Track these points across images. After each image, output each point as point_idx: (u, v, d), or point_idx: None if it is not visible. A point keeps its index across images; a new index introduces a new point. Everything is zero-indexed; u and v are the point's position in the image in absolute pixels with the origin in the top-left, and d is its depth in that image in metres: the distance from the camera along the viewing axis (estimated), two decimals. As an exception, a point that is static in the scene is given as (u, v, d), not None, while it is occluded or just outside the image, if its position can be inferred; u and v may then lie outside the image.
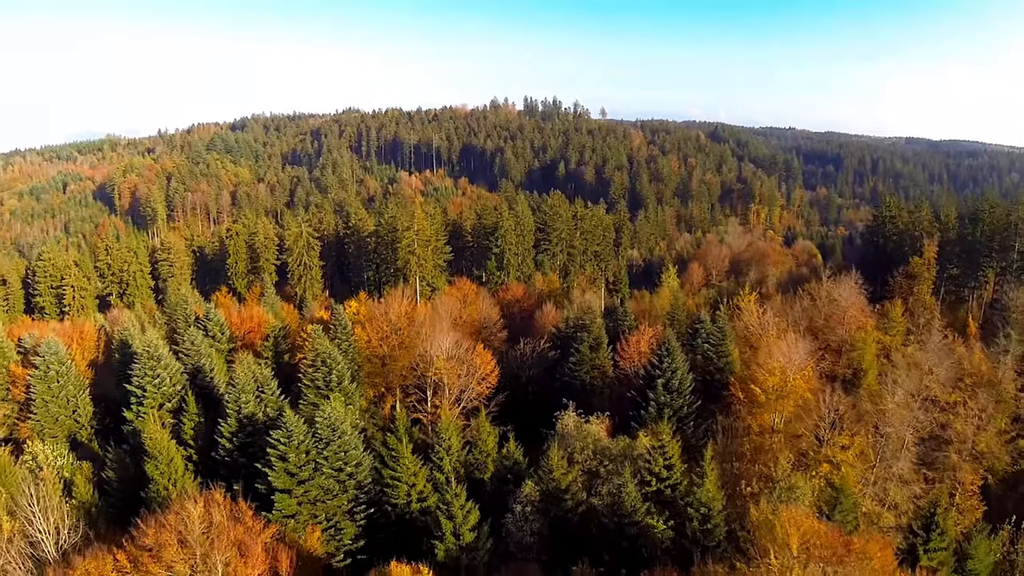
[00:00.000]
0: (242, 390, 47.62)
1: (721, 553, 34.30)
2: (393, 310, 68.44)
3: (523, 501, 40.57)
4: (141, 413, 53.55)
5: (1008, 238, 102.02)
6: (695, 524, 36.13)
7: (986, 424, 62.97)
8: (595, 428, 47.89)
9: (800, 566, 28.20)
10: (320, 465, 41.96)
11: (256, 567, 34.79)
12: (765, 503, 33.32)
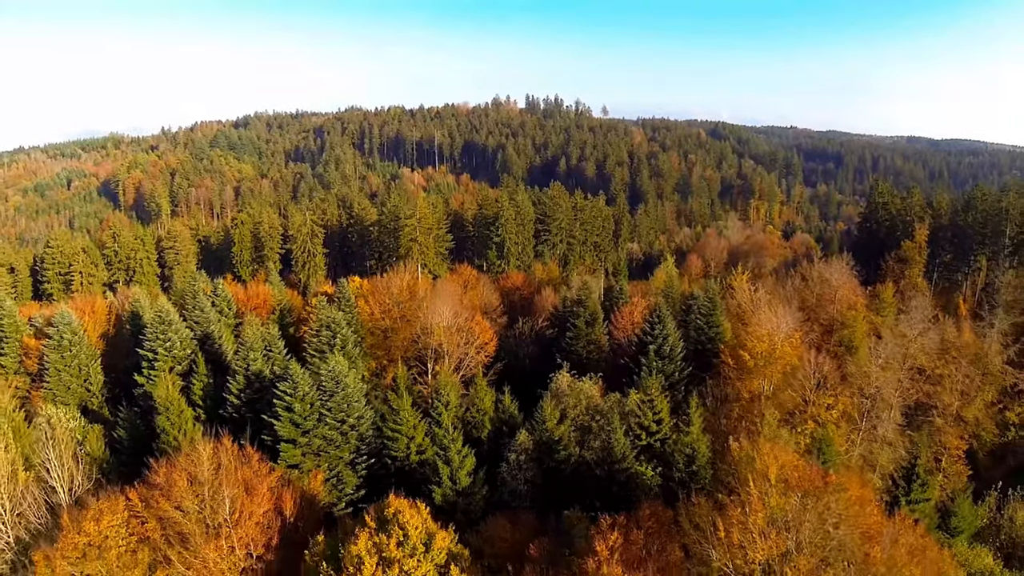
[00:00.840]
0: (250, 348, 49.65)
1: (706, 493, 36.13)
2: (395, 284, 70.39)
3: (517, 450, 42.46)
4: (152, 377, 55.53)
5: (999, 223, 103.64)
6: (680, 465, 37.99)
7: (973, 396, 64.80)
8: (588, 386, 49.84)
9: (778, 494, 29.99)
10: (324, 416, 43.93)
11: (261, 505, 36.68)
12: (747, 441, 35.08)
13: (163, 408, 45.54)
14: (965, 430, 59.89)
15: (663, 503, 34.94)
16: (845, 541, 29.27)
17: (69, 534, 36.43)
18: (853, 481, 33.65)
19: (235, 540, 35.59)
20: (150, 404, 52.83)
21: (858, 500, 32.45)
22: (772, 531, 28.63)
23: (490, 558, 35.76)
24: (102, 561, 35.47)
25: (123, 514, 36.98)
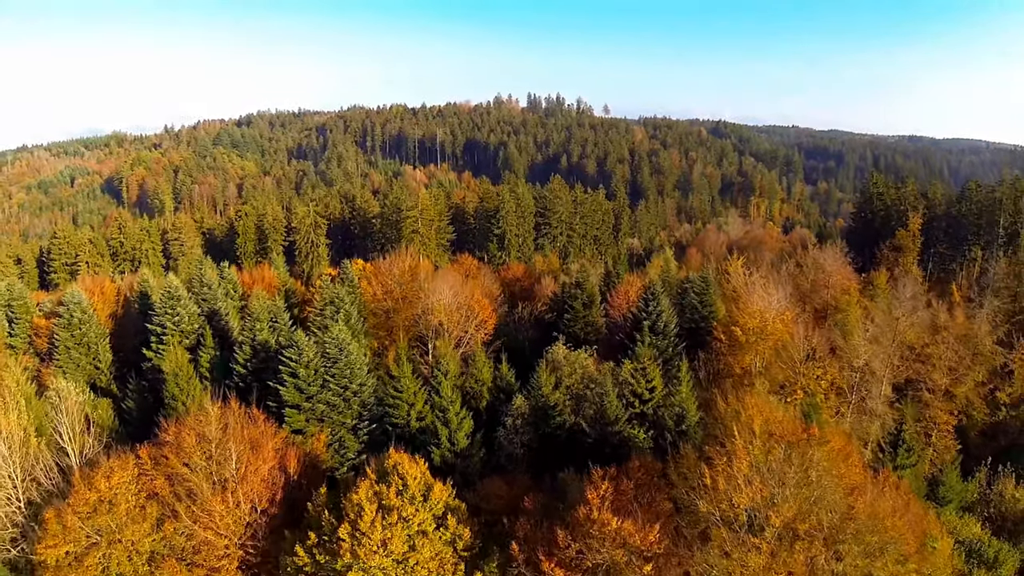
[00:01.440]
0: (256, 319, 51.19)
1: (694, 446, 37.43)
2: (398, 266, 71.88)
3: (514, 415, 43.89)
4: (160, 351, 57.02)
5: (993, 214, 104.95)
6: (671, 425, 39.40)
7: (964, 375, 66.05)
8: (583, 357, 51.27)
9: (762, 444, 31.35)
10: (327, 382, 45.41)
11: (267, 462, 38.11)
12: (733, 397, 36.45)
13: (172, 375, 47.03)
14: (955, 405, 61.11)
15: (653, 458, 36.32)
16: (828, 490, 30.57)
17: (80, 491, 37.81)
18: (836, 436, 34.98)
19: (241, 495, 37.01)
20: (158, 377, 54.32)
21: (841, 453, 33.78)
22: (756, 478, 29.97)
23: (486, 514, 37.13)
24: (112, 515, 36.83)
25: (133, 471, 38.36)
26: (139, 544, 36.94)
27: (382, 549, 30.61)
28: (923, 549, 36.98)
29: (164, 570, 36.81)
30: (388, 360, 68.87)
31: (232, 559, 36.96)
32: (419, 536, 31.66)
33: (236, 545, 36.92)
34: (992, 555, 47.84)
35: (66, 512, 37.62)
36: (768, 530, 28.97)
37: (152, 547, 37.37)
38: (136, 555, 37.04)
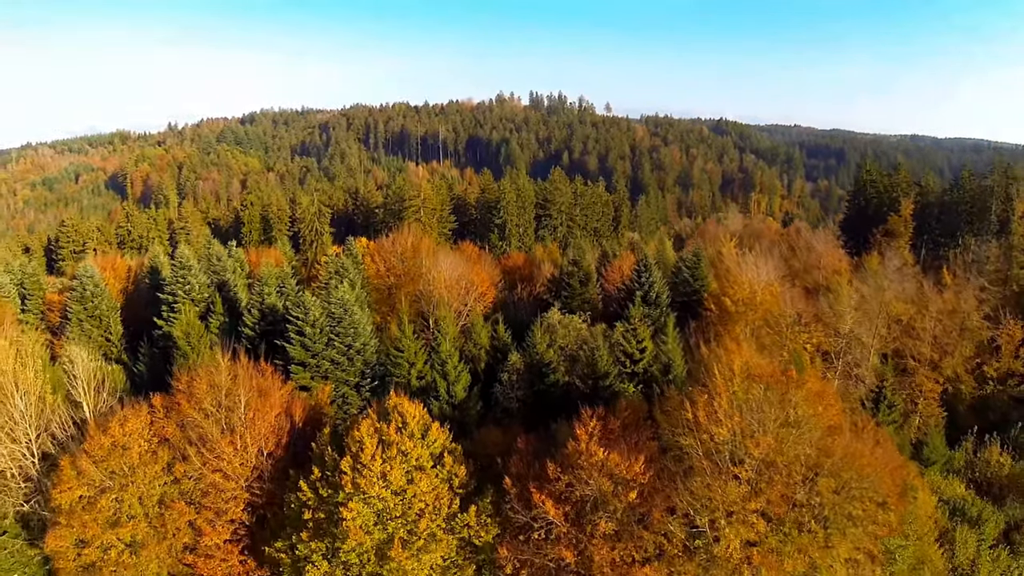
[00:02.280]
0: (265, 283, 53.27)
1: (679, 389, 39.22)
2: (400, 243, 73.92)
3: (510, 370, 45.83)
4: (171, 319, 59.02)
5: (986, 201, 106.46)
6: (658, 375, 41.29)
7: (951, 349, 67.76)
8: (578, 322, 53.20)
9: (741, 381, 33.22)
10: (332, 340, 47.45)
11: (273, 408, 40.07)
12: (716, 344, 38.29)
13: (183, 335, 49.04)
14: (941, 375, 62.72)
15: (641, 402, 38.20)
16: (805, 426, 32.34)
17: (95, 436, 39.80)
18: (814, 378, 36.76)
19: (248, 440, 38.95)
20: (169, 344, 56.33)
21: (819, 395, 35.61)
22: (736, 414, 31.84)
23: (482, 459, 38.91)
24: (125, 458, 38.82)
25: (146, 418, 40.38)
26: (150, 487, 38.94)
27: (381, 480, 32.54)
28: (903, 497, 38.81)
29: (173, 512, 38.79)
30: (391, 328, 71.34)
31: (239, 501, 38.90)
32: (417, 471, 33.56)
33: (243, 487, 38.87)
34: (975, 513, 49.47)
35: (81, 457, 39.57)
36: (748, 461, 30.82)
37: (162, 490, 39.37)
38: (147, 497, 39.04)
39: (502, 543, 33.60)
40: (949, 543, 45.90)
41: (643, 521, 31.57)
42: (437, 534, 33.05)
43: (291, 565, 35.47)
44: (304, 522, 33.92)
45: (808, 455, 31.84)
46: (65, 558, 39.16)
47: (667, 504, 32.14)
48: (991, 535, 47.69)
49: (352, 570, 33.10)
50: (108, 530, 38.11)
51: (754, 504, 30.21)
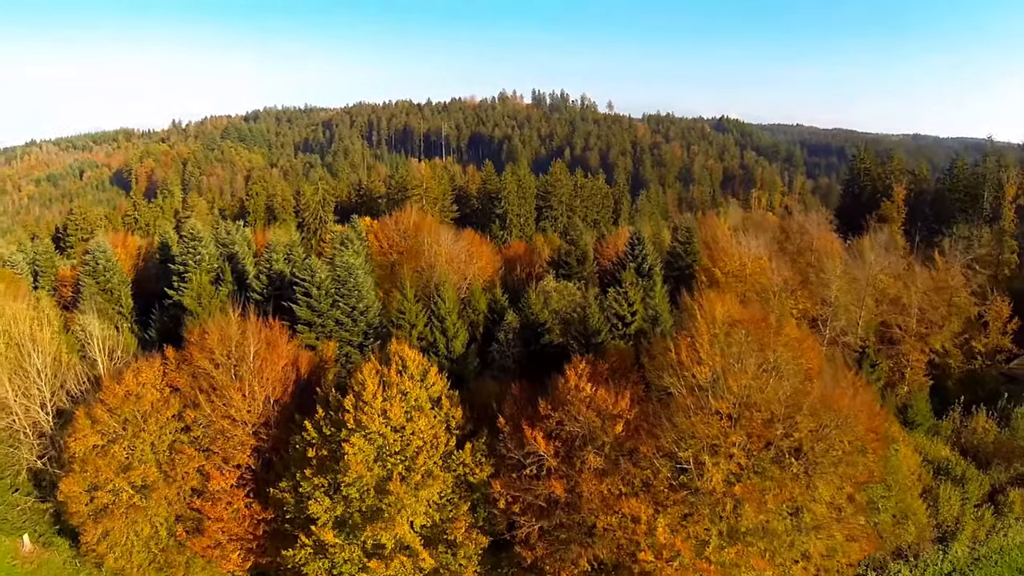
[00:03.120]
0: (273, 250, 55.38)
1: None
2: (403, 221, 76.00)
3: (506, 329, 47.77)
4: (182, 289, 61.03)
5: (978, 188, 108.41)
6: (646, 328, 43.18)
7: (939, 324, 69.50)
8: (572, 288, 55.16)
9: (722, 325, 35.08)
10: (337, 301, 49.53)
11: (281, 358, 42.08)
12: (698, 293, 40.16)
13: (195, 296, 51.07)
14: (927, 344, 64.39)
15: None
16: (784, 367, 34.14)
17: (110, 387, 41.83)
18: (793, 327, 38.55)
19: (256, 387, 40.90)
20: (180, 313, 58.32)
21: (797, 340, 37.40)
22: (716, 355, 33.73)
23: (478, 408, 40.79)
24: (138, 406, 40.78)
25: (159, 369, 42.40)
26: (161, 433, 40.90)
27: (382, 417, 34.47)
28: (881, 443, 40.51)
29: (183, 457, 40.75)
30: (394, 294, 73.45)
31: (246, 447, 40.83)
32: (416, 411, 35.49)
33: (250, 434, 40.82)
34: (960, 472, 50.79)
35: (96, 407, 41.59)
36: (728, 398, 32.66)
37: (172, 437, 41.34)
38: (158, 443, 41.03)
39: (496, 480, 35.48)
40: (933, 500, 47.36)
41: (630, 456, 33.42)
42: (434, 471, 34.95)
43: (295, 505, 37.42)
44: (308, 460, 35.84)
45: (787, 396, 33.59)
46: (78, 502, 41.08)
47: (653, 441, 33.89)
48: (975, 494, 48.92)
49: (353, 505, 35.02)
50: (120, 474, 40.11)
51: (734, 437, 32.02)
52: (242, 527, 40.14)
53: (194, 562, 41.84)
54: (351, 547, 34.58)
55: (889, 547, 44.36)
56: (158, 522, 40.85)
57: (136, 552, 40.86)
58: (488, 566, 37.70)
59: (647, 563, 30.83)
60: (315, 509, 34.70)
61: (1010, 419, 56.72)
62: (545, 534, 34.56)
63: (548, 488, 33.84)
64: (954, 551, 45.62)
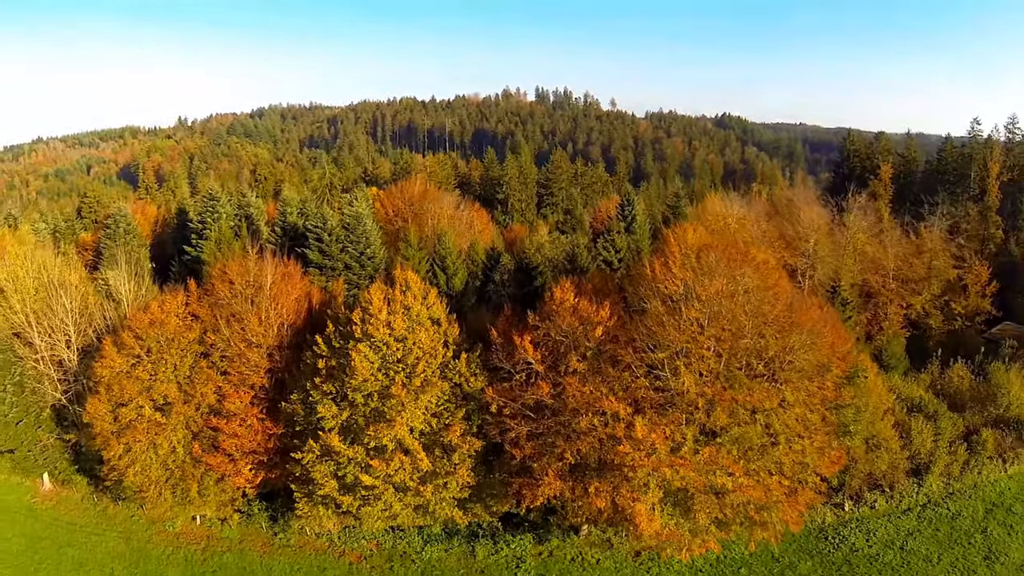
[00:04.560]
0: (287, 203, 59.16)
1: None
2: (408, 190, 79.70)
3: (501, 270, 51.39)
4: (200, 246, 64.77)
5: (965, 168, 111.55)
6: (630, 261, 46.73)
7: (919, 287, 72.76)
8: (565, 239, 58.80)
9: (694, 248, 38.59)
10: (346, 247, 53.30)
11: (295, 289, 45.84)
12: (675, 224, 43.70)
13: (214, 244, 54.80)
14: (904, 300, 67.53)
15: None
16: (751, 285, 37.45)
17: (136, 315, 45.59)
18: (762, 252, 41.84)
19: (272, 314, 44.63)
20: (198, 268, 61.98)
21: (765, 263, 40.72)
22: (688, 272, 37.22)
23: (473, 333, 44.32)
24: (162, 331, 44.42)
25: (182, 299, 46.09)
26: (183, 355, 44.50)
27: (387, 328, 38.11)
28: (848, 361, 43.60)
29: (202, 377, 44.36)
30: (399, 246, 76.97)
31: (260, 369, 44.49)
32: (417, 325, 39.13)
33: (265, 356, 44.46)
34: (933, 410, 53.59)
35: (123, 333, 45.31)
36: (698, 305, 36.13)
37: (193, 359, 44.93)
38: (180, 365, 44.68)
39: (489, 387, 39.03)
40: (906, 432, 50.20)
41: (611, 361, 36.92)
42: (432, 379, 38.55)
43: (304, 416, 41.03)
44: (318, 370, 39.48)
45: (752, 308, 36.95)
46: (103, 421, 44.72)
47: (630, 347, 37.17)
48: (948, 430, 51.53)
49: (358, 411, 38.64)
50: (143, 393, 43.73)
51: (703, 340, 35.47)
52: (254, 441, 43.68)
53: (207, 477, 45.28)
54: (355, 448, 38.13)
55: (862, 471, 47.37)
56: (175, 439, 44.35)
57: (154, 468, 44.45)
58: (480, 475, 41.10)
59: (626, 455, 34.17)
60: (324, 412, 38.29)
61: (987, 373, 59.65)
62: (533, 436, 38.03)
63: (536, 393, 37.37)
64: (928, 484, 48.61)
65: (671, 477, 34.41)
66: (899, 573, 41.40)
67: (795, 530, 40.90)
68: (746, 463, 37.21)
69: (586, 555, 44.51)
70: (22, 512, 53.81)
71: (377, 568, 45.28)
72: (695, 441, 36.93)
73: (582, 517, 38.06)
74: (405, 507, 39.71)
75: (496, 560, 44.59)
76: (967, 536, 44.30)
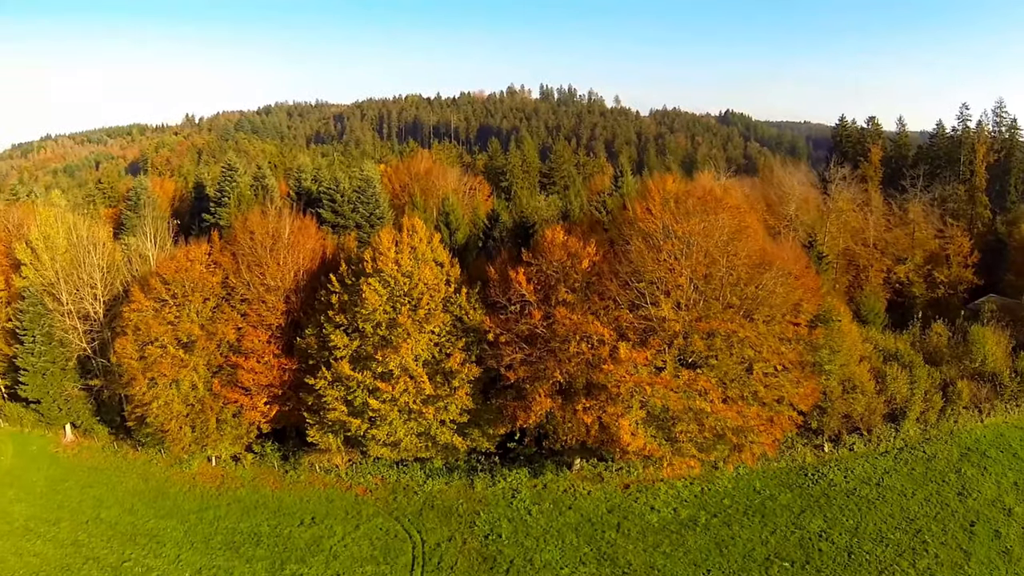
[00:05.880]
0: (302, 170, 63.05)
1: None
2: (414, 166, 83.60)
3: (500, 228, 55.12)
4: (218, 212, 68.66)
5: (955, 152, 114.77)
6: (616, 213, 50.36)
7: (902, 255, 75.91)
8: (557, 200, 62.48)
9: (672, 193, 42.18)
10: (357, 207, 57.14)
11: (310, 239, 49.66)
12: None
13: (234, 204, 58.62)
14: (883, 262, 70.64)
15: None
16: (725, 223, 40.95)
17: (163, 261, 49.43)
18: (736, 196, 45.30)
19: (289, 260, 48.46)
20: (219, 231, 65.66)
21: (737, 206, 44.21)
22: (665, 212, 40.81)
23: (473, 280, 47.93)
24: (187, 275, 48.25)
25: (206, 247, 49.92)
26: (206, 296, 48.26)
27: (395, 264, 41.86)
28: (817, 296, 46.50)
29: (223, 316, 48.11)
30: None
31: (277, 310, 48.29)
32: (422, 263, 42.88)
33: (282, 299, 48.27)
34: (908, 360, 55.86)
35: (151, 278, 49.14)
36: (675, 241, 39.76)
37: (215, 301, 48.66)
38: (203, 307, 48.49)
39: (487, 318, 42.75)
40: (881, 378, 52.39)
41: (597, 292, 40.59)
42: (435, 311, 42.29)
43: (317, 351, 44.77)
44: (331, 304, 43.27)
45: (724, 242, 40.45)
46: (130, 359, 48.70)
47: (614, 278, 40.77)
48: (923, 380, 53.32)
49: (367, 341, 42.37)
50: (168, 332, 47.50)
51: (680, 269, 39.06)
52: (270, 376, 47.42)
53: (225, 410, 48.92)
54: (364, 374, 41.82)
55: (839, 411, 49.69)
56: (196, 377, 48.08)
57: (176, 403, 48.11)
58: (479, 402, 44.75)
59: (611, 372, 37.75)
60: (336, 341, 42.07)
61: (966, 332, 61.30)
62: (526, 362, 41.70)
63: (529, 321, 41.07)
64: (905, 429, 51.18)
65: (652, 394, 37.91)
66: (875, 505, 43.80)
67: (771, 454, 44.14)
68: (723, 390, 40.72)
69: (578, 487, 47.74)
70: (45, 460, 57.88)
71: (382, 499, 48.59)
72: (675, 367, 40.50)
73: (572, 437, 41.55)
74: (409, 433, 43.28)
75: (493, 491, 48.00)
76: (941, 475, 46.27)
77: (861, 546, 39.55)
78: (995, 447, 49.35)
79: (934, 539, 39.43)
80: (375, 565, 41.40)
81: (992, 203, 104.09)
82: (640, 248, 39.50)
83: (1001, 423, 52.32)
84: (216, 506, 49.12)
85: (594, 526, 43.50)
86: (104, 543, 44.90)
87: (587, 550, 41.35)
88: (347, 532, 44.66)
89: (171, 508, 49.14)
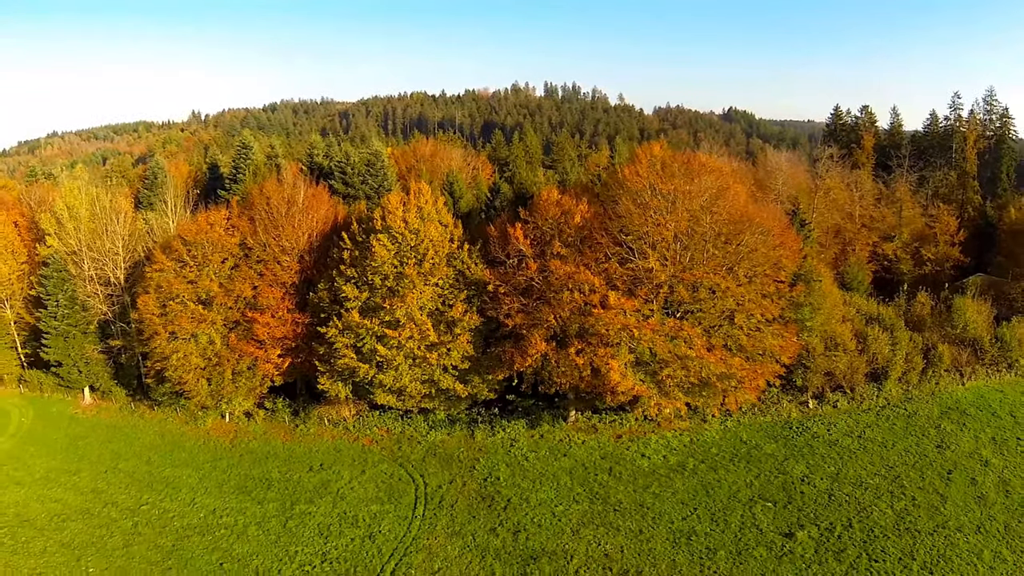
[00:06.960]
0: (314, 146, 66.19)
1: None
2: (421, 148, 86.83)
3: (501, 198, 58.26)
4: (234, 189, 71.88)
5: (947, 140, 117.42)
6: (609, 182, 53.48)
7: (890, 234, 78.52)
8: (554, 174, 65.59)
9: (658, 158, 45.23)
10: (366, 179, 60.38)
11: (323, 205, 52.84)
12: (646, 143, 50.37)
13: (251, 174, 61.83)
14: (869, 237, 73.37)
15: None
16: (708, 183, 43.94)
17: (185, 224, 52.61)
18: (720, 162, 48.34)
19: (303, 223, 51.67)
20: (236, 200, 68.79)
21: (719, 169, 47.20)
22: (652, 173, 43.88)
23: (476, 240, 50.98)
24: (207, 237, 51.46)
25: (225, 213, 53.13)
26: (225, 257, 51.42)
27: (402, 222, 45.06)
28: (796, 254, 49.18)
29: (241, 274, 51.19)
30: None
31: (291, 270, 51.49)
32: (428, 221, 46.06)
33: (296, 259, 51.47)
34: (890, 323, 58.03)
35: (173, 240, 52.32)
36: (658, 197, 42.79)
37: (233, 261, 51.79)
38: (221, 267, 51.67)
39: (487, 271, 45.93)
40: (863, 339, 54.45)
41: (588, 246, 43.72)
42: (440, 265, 45.47)
43: (329, 304, 47.92)
44: (343, 259, 46.47)
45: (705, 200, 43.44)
46: (151, 314, 51.88)
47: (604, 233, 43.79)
48: (904, 341, 55.28)
49: (376, 292, 45.56)
50: (189, 289, 50.65)
51: (665, 223, 42.12)
52: (284, 329, 50.61)
53: (241, 363, 51.92)
54: (372, 322, 44.98)
55: (822, 367, 51.96)
56: (213, 332, 51.15)
57: (194, 356, 51.24)
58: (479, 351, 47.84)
59: (600, 315, 40.78)
60: (347, 292, 45.25)
61: (949, 302, 63.60)
62: (522, 311, 44.86)
63: (526, 273, 44.22)
64: (887, 388, 53.19)
65: (640, 338, 40.93)
66: (856, 455, 45.31)
67: (754, 400, 46.86)
68: (708, 338, 43.68)
69: (573, 437, 50.62)
70: (65, 420, 60.94)
71: (387, 449, 51.50)
72: (662, 316, 43.53)
73: (565, 381, 44.51)
74: (413, 379, 46.36)
75: (493, 441, 50.91)
76: (921, 430, 48.04)
77: (841, 489, 41.86)
78: (975, 407, 51.19)
79: (912, 484, 41.60)
80: (380, 504, 44.38)
81: (984, 190, 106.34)
82: (628, 206, 42.55)
83: (982, 386, 54.06)
84: (229, 456, 52.10)
85: (587, 470, 46.28)
86: (122, 489, 47.94)
87: (580, 490, 44.16)
88: (354, 476, 47.71)
89: (186, 459, 52.15)
